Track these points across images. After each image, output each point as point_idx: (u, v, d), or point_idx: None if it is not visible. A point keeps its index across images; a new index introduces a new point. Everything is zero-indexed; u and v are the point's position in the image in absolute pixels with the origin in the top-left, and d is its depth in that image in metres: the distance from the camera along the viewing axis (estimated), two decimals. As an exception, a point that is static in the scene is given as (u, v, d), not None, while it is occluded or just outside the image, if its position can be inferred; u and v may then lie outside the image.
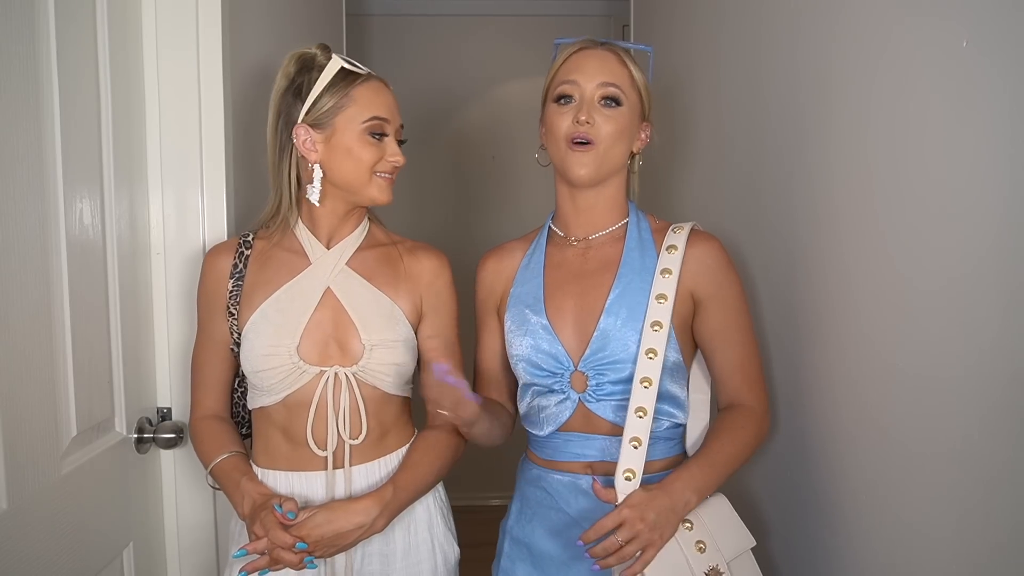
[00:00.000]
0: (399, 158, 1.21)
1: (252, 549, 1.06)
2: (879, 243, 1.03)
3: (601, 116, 1.15)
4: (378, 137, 1.19)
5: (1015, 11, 0.78)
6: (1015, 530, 0.80)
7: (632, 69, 1.19)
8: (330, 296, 1.20)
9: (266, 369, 1.16)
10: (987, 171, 0.82)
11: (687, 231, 1.19)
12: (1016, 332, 0.79)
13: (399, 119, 1.23)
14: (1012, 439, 0.80)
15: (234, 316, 1.21)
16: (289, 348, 1.16)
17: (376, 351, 1.18)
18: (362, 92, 1.19)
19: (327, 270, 1.21)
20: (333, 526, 1.09)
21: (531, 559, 1.22)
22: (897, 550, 1.01)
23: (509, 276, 1.27)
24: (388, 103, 1.21)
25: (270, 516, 1.07)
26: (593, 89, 1.16)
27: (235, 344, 1.22)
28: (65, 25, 1.11)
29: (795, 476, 1.31)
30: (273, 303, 1.19)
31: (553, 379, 1.18)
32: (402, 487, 1.16)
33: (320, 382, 1.17)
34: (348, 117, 1.18)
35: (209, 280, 1.23)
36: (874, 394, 1.06)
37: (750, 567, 1.13)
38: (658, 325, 1.13)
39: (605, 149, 1.16)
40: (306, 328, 1.17)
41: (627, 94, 1.17)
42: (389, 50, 3.46)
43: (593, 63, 1.17)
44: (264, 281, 1.21)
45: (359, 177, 1.19)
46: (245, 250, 1.23)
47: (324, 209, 1.22)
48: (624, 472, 1.08)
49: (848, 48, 1.11)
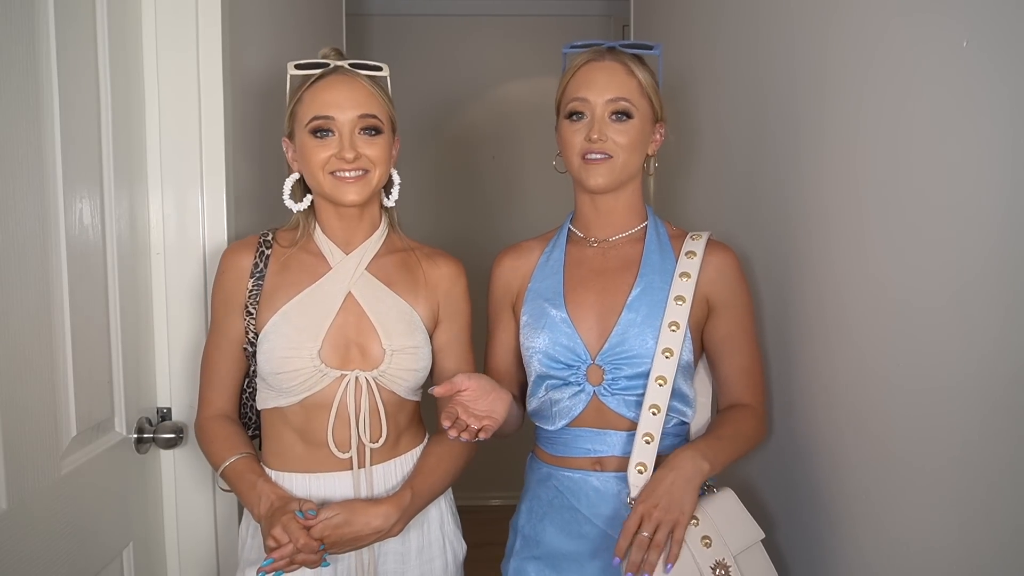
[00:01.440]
0: (348, 153, 1.13)
1: (278, 556, 1.05)
2: (879, 243, 1.03)
3: (613, 130, 1.17)
4: (322, 136, 1.15)
5: (1015, 11, 0.77)
6: (1017, 532, 0.80)
7: (640, 76, 1.20)
8: (351, 301, 1.20)
9: (286, 371, 1.15)
10: (987, 172, 0.82)
11: (705, 239, 1.24)
12: (1016, 334, 0.79)
13: (359, 109, 1.15)
14: (1013, 440, 0.80)
15: (252, 316, 1.20)
16: (311, 351, 1.16)
17: (396, 357, 1.19)
18: (309, 92, 1.17)
19: (348, 275, 1.21)
20: (352, 528, 1.10)
21: (543, 557, 1.23)
22: (897, 549, 1.01)
23: (526, 273, 1.29)
24: (336, 98, 1.15)
25: (293, 523, 1.07)
26: (603, 105, 1.18)
27: (249, 344, 1.21)
28: (65, 25, 1.11)
29: (796, 475, 1.31)
30: (295, 305, 1.19)
31: (569, 371, 1.20)
32: (419, 493, 1.18)
33: (340, 386, 1.17)
34: (299, 121, 1.18)
35: (228, 278, 1.22)
36: (873, 395, 1.06)
37: (760, 558, 1.15)
38: (675, 325, 1.17)
39: (621, 161, 1.18)
40: (328, 332, 1.17)
41: (637, 105, 1.19)
42: (389, 50, 3.46)
43: (602, 78, 1.18)
44: (285, 283, 1.21)
45: (316, 179, 1.17)
46: (265, 250, 1.23)
47: (329, 215, 1.23)
48: (636, 465, 1.12)
49: (848, 48, 1.11)
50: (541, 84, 3.21)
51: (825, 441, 1.20)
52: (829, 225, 1.17)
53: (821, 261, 1.20)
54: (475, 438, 1.07)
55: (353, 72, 1.18)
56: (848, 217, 1.11)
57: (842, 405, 1.15)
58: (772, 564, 1.15)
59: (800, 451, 1.29)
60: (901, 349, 0.98)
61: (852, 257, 1.10)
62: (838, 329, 1.15)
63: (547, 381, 1.22)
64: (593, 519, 1.19)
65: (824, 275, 1.19)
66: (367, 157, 1.16)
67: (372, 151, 1.16)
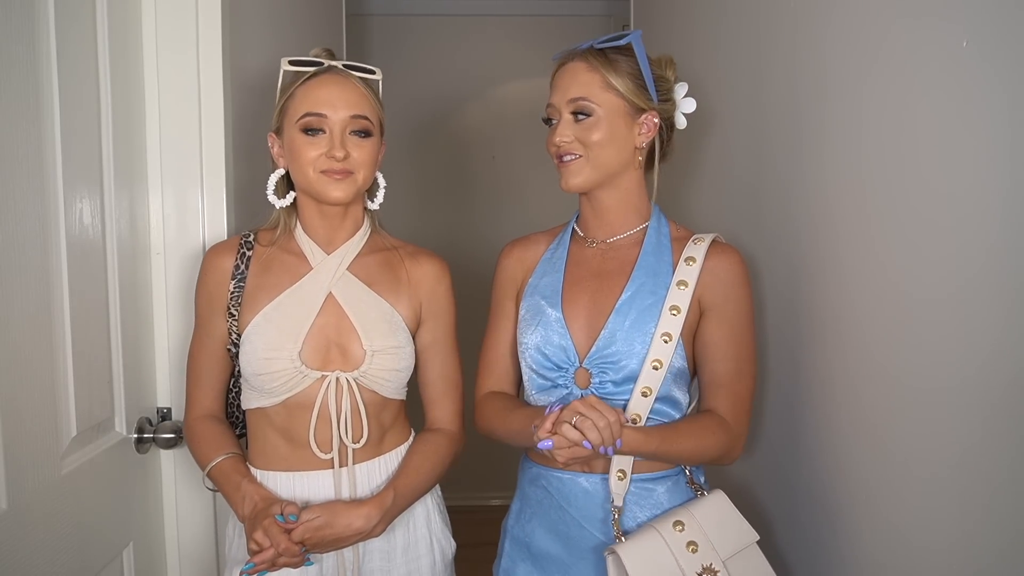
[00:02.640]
0: (338, 152, 1.14)
1: (259, 560, 1.06)
2: (881, 243, 1.03)
3: (575, 130, 1.17)
4: (312, 133, 1.16)
5: (1015, 11, 0.78)
6: (1018, 533, 0.80)
7: (604, 72, 1.16)
8: (332, 301, 1.20)
9: (267, 372, 1.16)
10: (987, 173, 0.82)
11: (707, 243, 1.20)
12: (1017, 334, 0.79)
13: (351, 110, 1.16)
14: (1014, 441, 0.80)
15: (234, 317, 1.20)
16: (292, 352, 1.16)
17: (377, 357, 1.19)
18: (302, 89, 1.18)
19: (329, 275, 1.21)
20: (333, 530, 1.10)
21: (531, 559, 1.23)
22: (897, 549, 1.01)
23: (530, 266, 1.29)
24: (330, 96, 1.15)
25: (274, 527, 1.07)
26: (565, 107, 1.18)
27: (232, 345, 1.22)
28: (65, 25, 1.11)
29: (796, 475, 1.31)
30: (276, 307, 1.19)
31: (558, 373, 1.20)
32: (402, 493, 1.18)
33: (322, 386, 1.17)
34: (289, 117, 1.18)
35: (210, 279, 1.23)
36: (876, 395, 1.06)
37: (755, 561, 1.13)
38: (668, 337, 1.15)
39: (592, 158, 1.18)
40: (309, 333, 1.17)
41: (598, 101, 1.17)
42: (389, 50, 3.46)
43: (563, 80, 1.20)
44: (267, 284, 1.21)
45: (305, 177, 1.17)
46: (247, 251, 1.23)
47: (312, 214, 1.22)
48: (617, 472, 1.14)
49: (849, 48, 1.11)
50: (541, 84, 3.19)
51: (826, 441, 1.20)
52: (831, 226, 1.17)
53: (823, 261, 1.20)
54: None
55: (346, 73, 1.19)
56: (850, 217, 1.11)
57: (844, 405, 1.15)
58: (770, 566, 1.14)
59: (800, 451, 1.29)
60: (904, 348, 0.98)
61: (854, 257, 1.10)
62: (840, 329, 1.15)
63: (536, 383, 1.22)
64: (581, 521, 1.18)
65: (826, 275, 1.19)
66: (354, 159, 1.16)
67: (359, 154, 1.17)
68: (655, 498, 1.17)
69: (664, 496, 1.18)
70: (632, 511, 1.17)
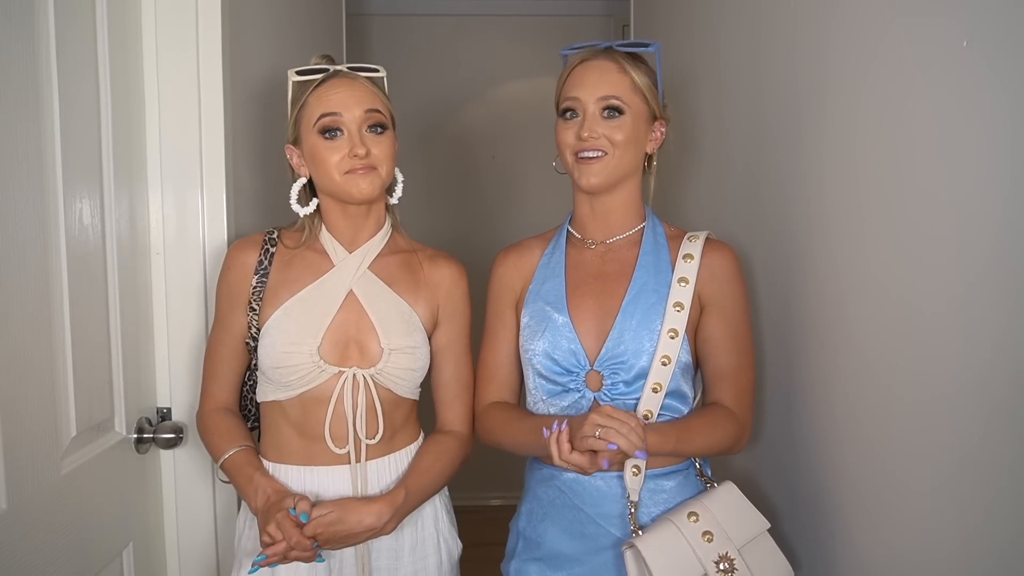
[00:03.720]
0: (359, 149, 1.16)
1: (272, 553, 1.07)
2: (879, 242, 1.03)
3: (604, 127, 1.18)
4: (331, 135, 1.18)
5: (1015, 11, 0.78)
6: (1018, 532, 0.80)
7: (634, 75, 1.20)
8: (352, 299, 1.22)
9: (286, 366, 1.17)
10: (987, 172, 0.82)
11: (702, 240, 1.23)
12: (1017, 334, 0.79)
13: (364, 106, 1.18)
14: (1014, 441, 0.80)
15: (255, 312, 1.22)
16: (311, 347, 1.17)
17: (394, 356, 1.20)
18: (313, 96, 1.20)
19: (350, 273, 1.22)
20: (345, 526, 1.11)
21: (544, 558, 1.23)
22: (897, 549, 1.01)
23: (528, 272, 1.29)
24: (340, 96, 1.18)
25: (287, 520, 1.08)
26: (595, 103, 1.18)
27: (251, 339, 1.23)
28: (65, 25, 1.11)
29: (796, 475, 1.31)
30: (297, 302, 1.20)
31: (569, 377, 1.20)
32: (413, 492, 1.19)
33: (339, 382, 1.18)
34: (306, 124, 1.20)
35: (234, 274, 1.24)
36: (872, 393, 1.06)
37: (768, 547, 1.16)
38: (674, 332, 1.17)
39: (615, 159, 1.19)
40: (328, 329, 1.19)
41: (629, 102, 1.19)
42: (389, 50, 3.46)
43: (593, 76, 1.19)
44: (289, 280, 1.22)
45: (330, 180, 1.19)
46: (271, 247, 1.25)
47: (336, 215, 1.24)
48: (631, 468, 1.15)
49: (848, 47, 1.11)
50: (541, 84, 3.21)
51: (824, 440, 1.20)
52: (830, 225, 1.17)
53: (821, 260, 1.20)
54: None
55: (353, 74, 1.21)
56: (848, 216, 1.11)
57: (842, 403, 1.15)
58: (781, 552, 1.16)
59: (800, 451, 1.29)
60: (901, 347, 0.98)
61: (852, 256, 1.10)
62: (838, 327, 1.15)
63: (547, 388, 1.22)
64: (597, 519, 1.19)
65: (824, 274, 1.19)
66: (375, 155, 1.18)
67: (379, 149, 1.19)
68: (668, 492, 1.19)
69: (676, 490, 1.20)
70: (647, 506, 1.19)
